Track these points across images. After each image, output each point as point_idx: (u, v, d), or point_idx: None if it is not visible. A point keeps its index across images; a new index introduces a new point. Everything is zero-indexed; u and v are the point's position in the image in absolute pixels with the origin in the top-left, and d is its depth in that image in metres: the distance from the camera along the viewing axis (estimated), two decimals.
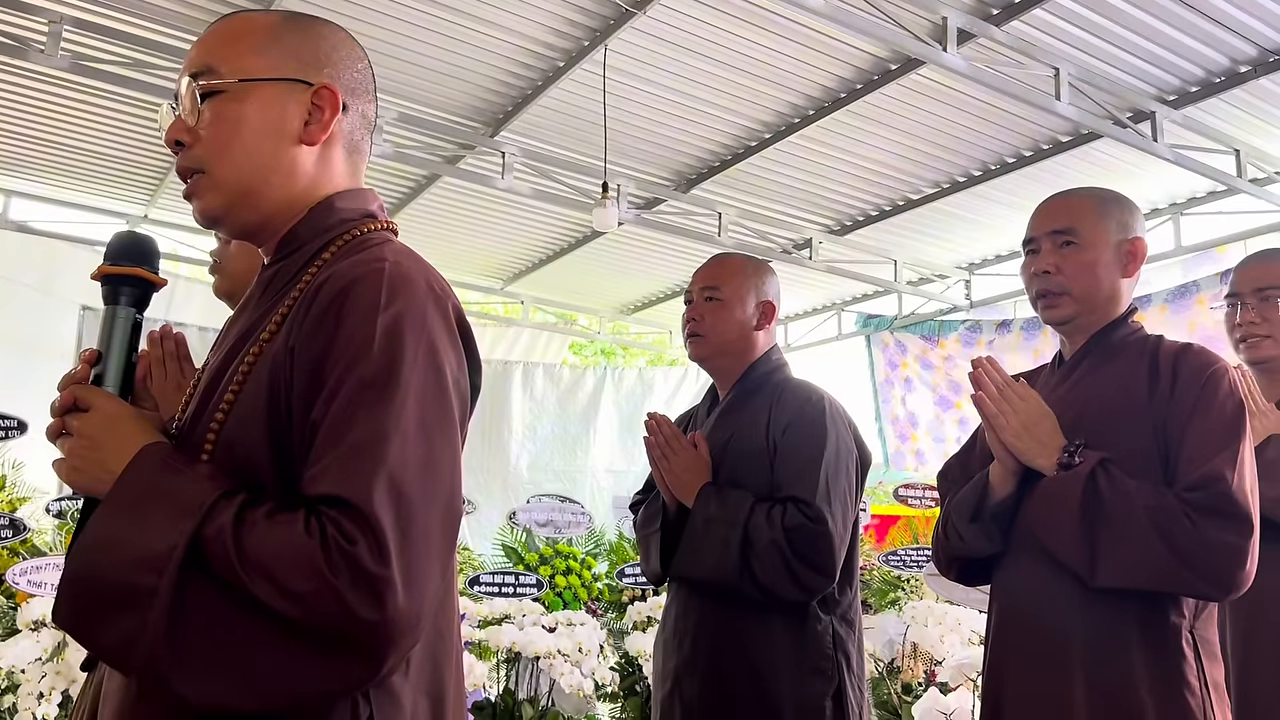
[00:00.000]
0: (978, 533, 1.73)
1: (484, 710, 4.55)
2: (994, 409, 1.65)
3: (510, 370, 8.74)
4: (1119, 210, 1.79)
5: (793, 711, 1.94)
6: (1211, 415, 1.56)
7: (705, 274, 2.26)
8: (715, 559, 1.97)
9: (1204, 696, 1.53)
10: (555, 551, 5.90)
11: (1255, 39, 4.67)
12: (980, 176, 6.21)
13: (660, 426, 2.13)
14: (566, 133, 5.84)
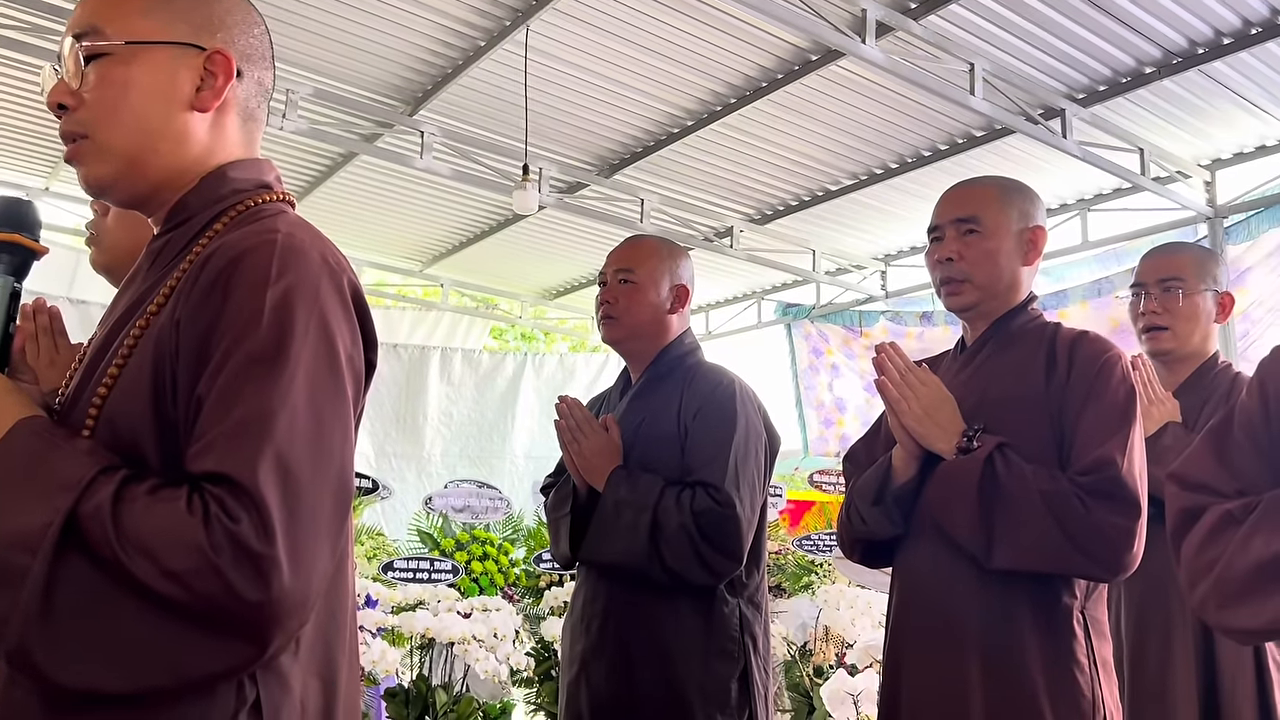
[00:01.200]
0: (880, 515, 1.76)
1: (396, 697, 4.50)
2: (896, 394, 1.68)
3: (428, 355, 8.63)
4: (1021, 199, 1.83)
5: (699, 694, 1.95)
6: (1104, 402, 1.61)
7: (619, 256, 2.25)
8: (624, 543, 1.97)
9: (1093, 674, 1.59)
10: (472, 537, 5.86)
11: (1160, 41, 4.82)
12: (897, 169, 6.31)
13: (571, 410, 2.12)
14: (487, 113, 5.77)
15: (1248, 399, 1.30)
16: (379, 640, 4.50)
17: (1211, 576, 1.19)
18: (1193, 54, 4.88)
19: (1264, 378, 1.29)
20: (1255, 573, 1.14)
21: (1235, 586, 1.16)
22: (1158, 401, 2.11)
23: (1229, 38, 4.74)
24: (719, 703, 1.95)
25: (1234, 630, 1.21)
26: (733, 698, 1.96)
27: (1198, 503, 1.25)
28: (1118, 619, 2.15)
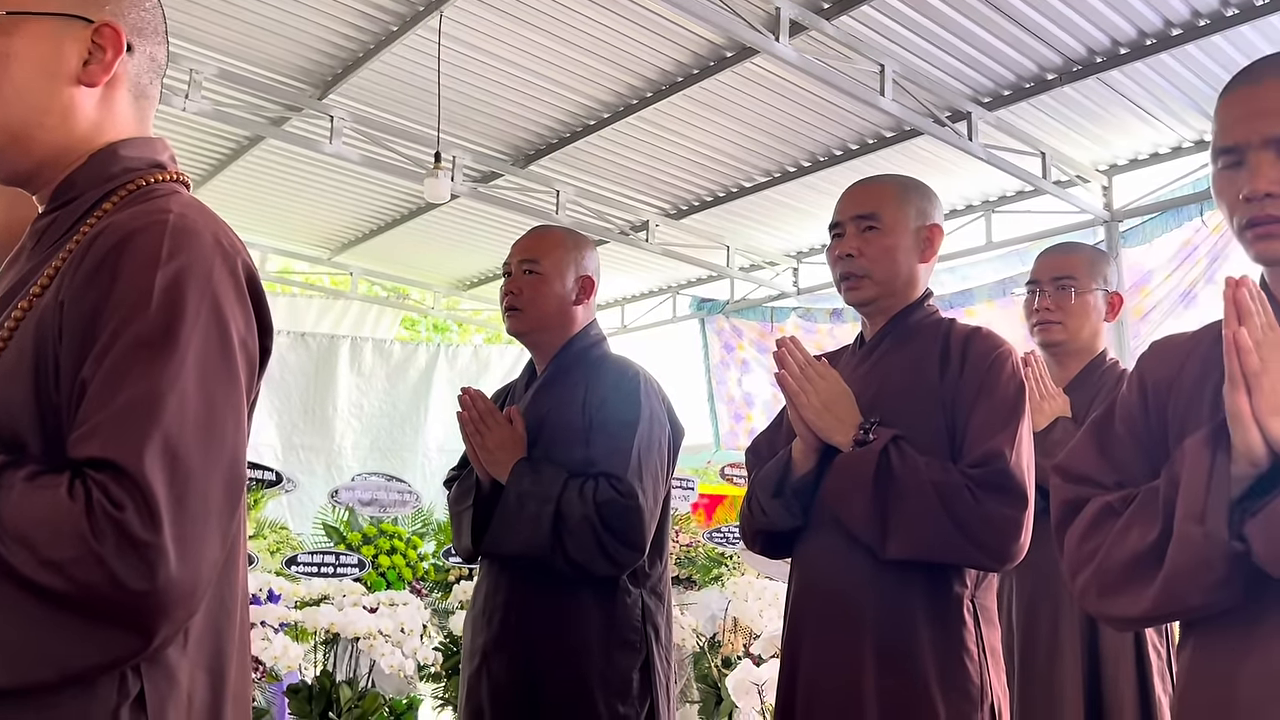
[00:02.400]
0: (779, 507, 1.78)
1: (299, 693, 4.41)
2: (795, 387, 1.70)
3: (337, 345, 8.46)
4: (919, 198, 1.87)
5: (600, 684, 1.95)
6: (995, 396, 1.67)
7: (524, 246, 2.23)
8: (527, 534, 1.96)
9: (981, 661, 1.64)
10: (379, 531, 5.78)
11: (1061, 49, 4.98)
12: (809, 167, 6.40)
13: (474, 401, 2.09)
14: (399, 99, 5.67)
15: (1127, 393, 1.35)
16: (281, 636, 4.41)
17: (1092, 566, 1.23)
18: (1092, 62, 5.06)
19: (1143, 371, 1.35)
20: (1131, 564, 1.18)
21: (1113, 576, 1.20)
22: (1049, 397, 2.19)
23: (1125, 48, 4.92)
24: (620, 693, 1.96)
25: (1113, 618, 1.25)
26: (634, 688, 1.97)
27: (1080, 494, 1.29)
28: (1009, 608, 2.22)
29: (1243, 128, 1.19)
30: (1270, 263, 1.23)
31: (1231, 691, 1.13)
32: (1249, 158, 1.19)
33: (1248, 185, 1.18)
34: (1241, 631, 1.13)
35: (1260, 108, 1.18)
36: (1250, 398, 1.07)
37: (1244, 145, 1.19)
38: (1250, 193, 1.18)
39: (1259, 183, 1.17)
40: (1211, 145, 1.26)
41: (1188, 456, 1.14)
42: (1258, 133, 1.18)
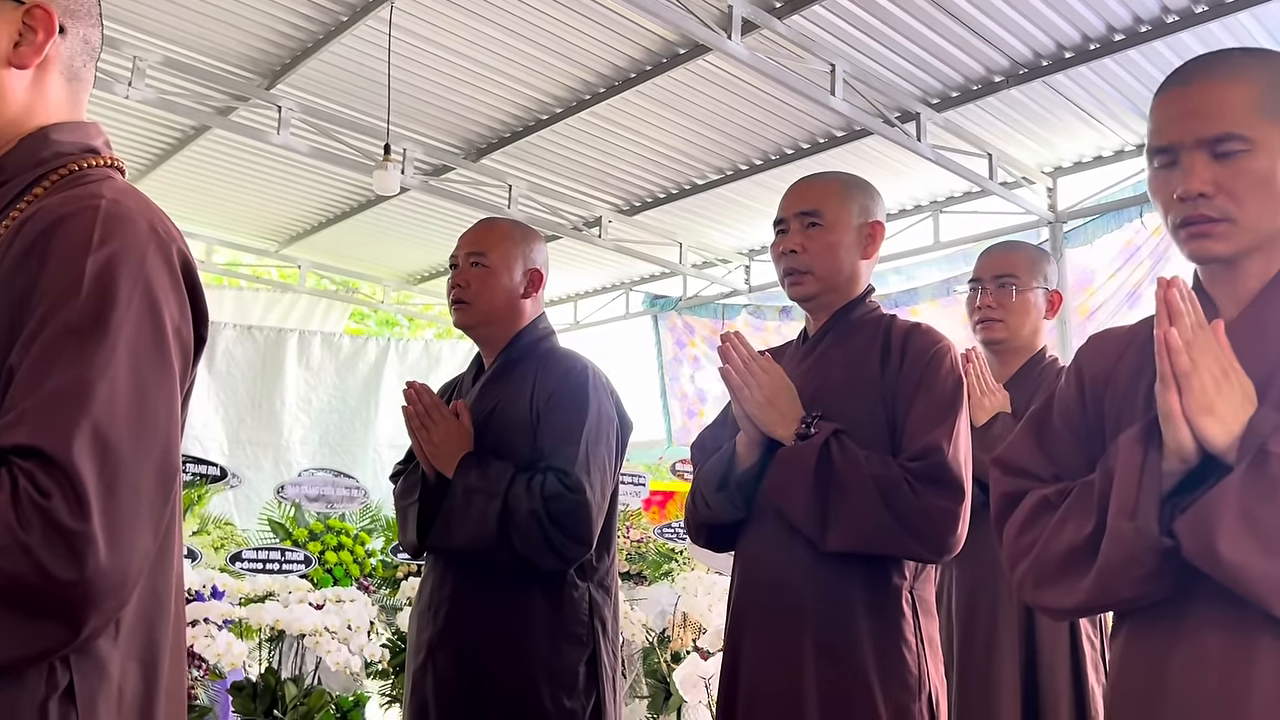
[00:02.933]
0: (723, 500, 1.80)
1: (243, 691, 4.34)
2: (739, 381, 1.72)
3: (285, 338, 8.34)
4: (861, 195, 1.89)
5: (547, 678, 1.95)
6: (934, 391, 1.70)
7: (471, 239, 2.21)
8: (474, 529, 1.95)
9: (919, 650, 1.67)
10: (326, 527, 5.71)
11: (1008, 51, 5.06)
12: (761, 165, 6.43)
13: (420, 396, 2.07)
14: (349, 91, 5.61)
15: (1065, 387, 1.37)
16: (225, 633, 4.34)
17: (1030, 558, 1.26)
18: (1037, 65, 5.14)
19: (1080, 365, 1.38)
20: (1067, 556, 1.21)
21: (1050, 569, 1.23)
22: (989, 393, 2.23)
23: (1070, 51, 5.01)
24: (566, 686, 1.96)
25: (1049, 608, 1.28)
26: (580, 681, 1.97)
27: (1018, 487, 1.32)
28: (949, 600, 2.26)
29: (1176, 128, 1.21)
30: (1204, 261, 1.26)
31: (1160, 680, 1.16)
32: (1182, 158, 1.21)
33: (1181, 185, 1.20)
34: (1171, 623, 1.16)
35: (1191, 108, 1.20)
36: (1180, 397, 1.10)
37: (1177, 146, 1.21)
38: (1184, 193, 1.20)
39: (1192, 183, 1.19)
40: (1146, 145, 1.27)
41: (1121, 452, 1.17)
42: (1190, 133, 1.20)
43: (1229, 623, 1.11)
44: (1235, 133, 1.17)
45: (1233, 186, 1.18)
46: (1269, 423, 1.09)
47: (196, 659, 4.36)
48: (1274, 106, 1.18)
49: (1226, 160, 1.18)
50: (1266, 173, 1.18)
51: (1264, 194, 1.18)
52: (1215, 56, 1.25)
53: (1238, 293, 1.24)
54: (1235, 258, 1.22)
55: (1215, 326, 1.14)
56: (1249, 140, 1.17)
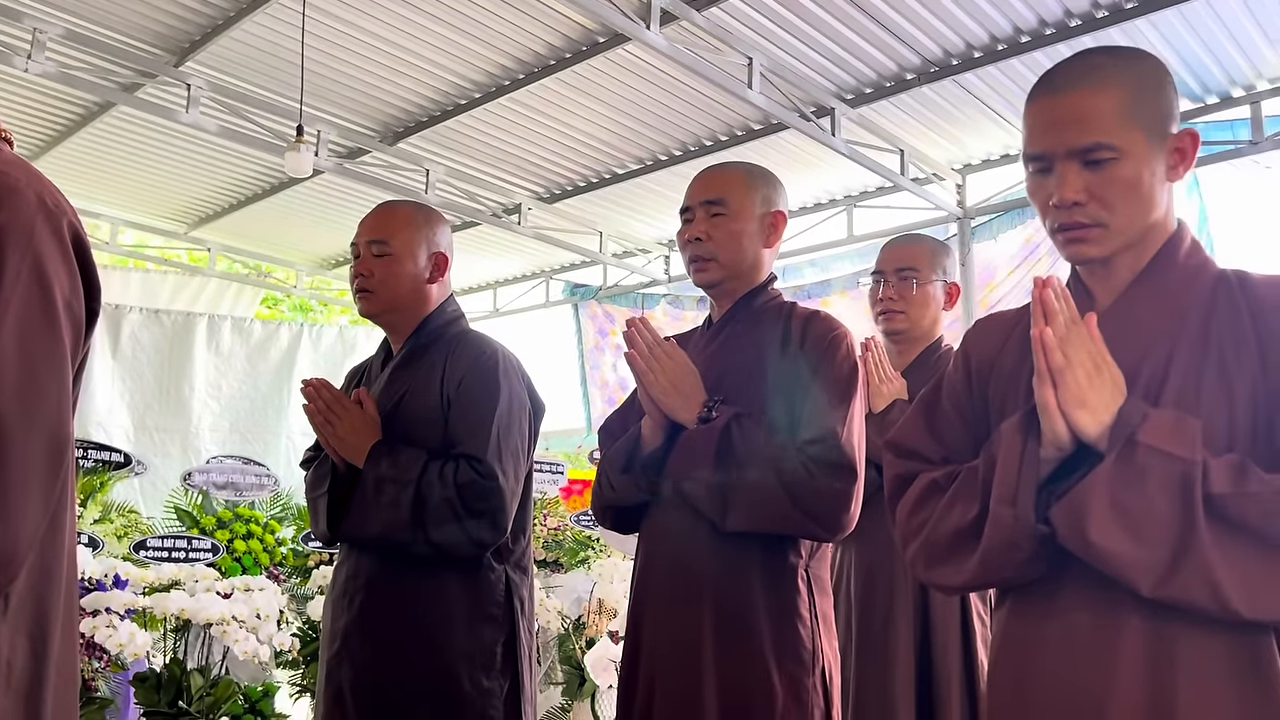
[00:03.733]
0: (628, 483, 1.83)
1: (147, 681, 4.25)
2: (644, 366, 1.75)
3: (193, 322, 8.12)
4: (765, 185, 1.94)
5: (465, 661, 1.95)
6: (830, 376, 1.75)
7: (372, 225, 2.16)
8: (387, 519, 1.94)
9: (814, 626, 1.73)
10: (235, 515, 5.60)
11: (920, 50, 5.18)
12: (680, 156, 6.48)
13: (319, 392, 2.04)
14: (261, 70, 5.49)
15: (953, 371, 1.43)
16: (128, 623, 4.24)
17: (920, 538, 1.32)
18: (948, 64, 5.28)
19: (967, 350, 1.44)
20: (954, 538, 1.27)
21: (939, 549, 1.29)
22: (887, 380, 2.30)
23: (979, 51, 5.15)
24: (484, 666, 1.96)
25: (939, 585, 1.35)
26: (498, 661, 1.98)
27: (910, 469, 1.38)
28: (848, 579, 2.34)
29: (1048, 138, 1.26)
30: (1080, 263, 1.33)
31: (1035, 652, 1.23)
32: (1056, 166, 1.26)
33: (1057, 194, 1.25)
34: (1046, 601, 1.24)
35: (1061, 118, 1.25)
36: (1056, 391, 1.17)
37: (1050, 154, 1.26)
38: (1058, 201, 1.25)
39: (1066, 192, 1.24)
40: (1023, 151, 1.33)
41: (1003, 440, 1.24)
42: (1062, 144, 1.25)
43: (1098, 601, 1.18)
44: (1104, 142, 1.23)
45: (1104, 193, 1.24)
46: (1137, 413, 1.16)
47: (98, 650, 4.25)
48: (1140, 112, 1.24)
49: (1097, 168, 1.23)
50: (1134, 178, 1.24)
51: (1133, 198, 1.25)
52: (1083, 63, 1.29)
53: (1111, 285, 1.31)
54: (1112, 256, 1.29)
55: (1088, 320, 1.20)
56: (1117, 149, 1.23)
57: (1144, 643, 1.15)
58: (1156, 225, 1.29)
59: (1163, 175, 1.27)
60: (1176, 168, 1.28)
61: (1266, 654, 1.13)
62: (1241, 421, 1.18)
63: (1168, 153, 1.27)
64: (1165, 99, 1.28)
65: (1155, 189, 1.26)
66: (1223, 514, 1.10)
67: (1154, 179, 1.25)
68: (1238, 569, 1.08)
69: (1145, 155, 1.24)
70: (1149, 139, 1.25)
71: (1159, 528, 1.11)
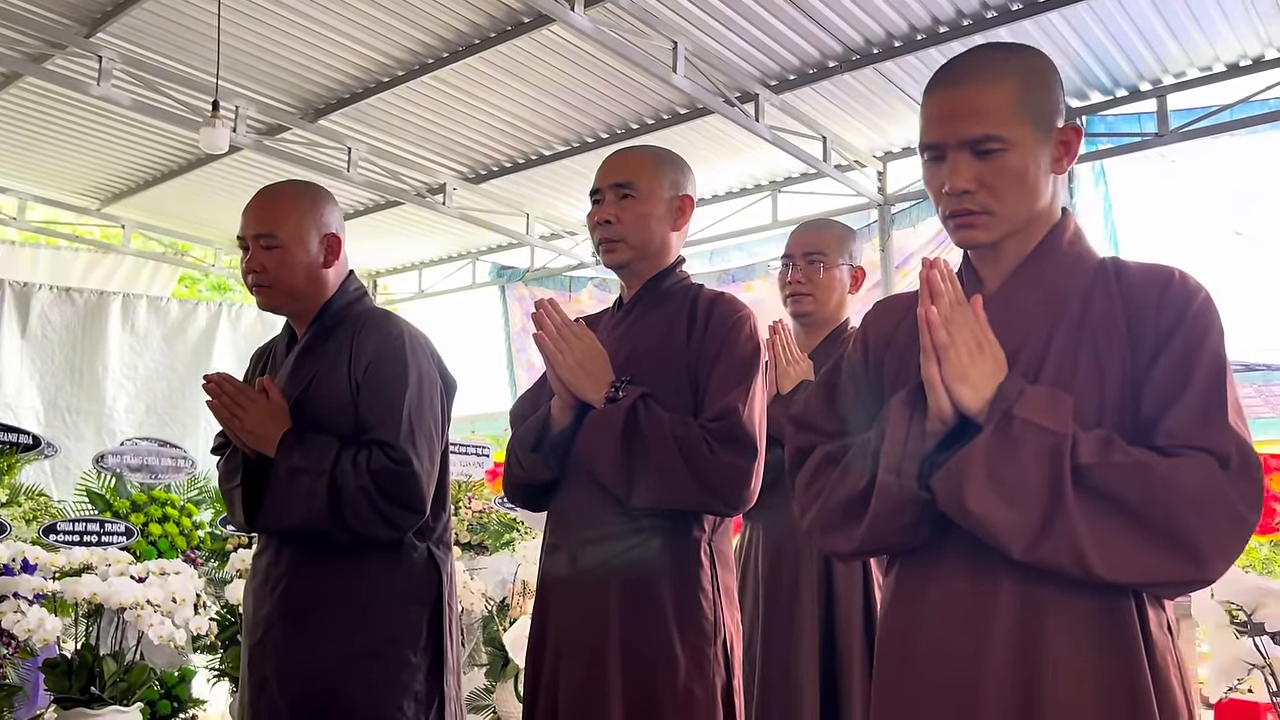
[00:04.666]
0: (537, 461, 1.86)
1: (57, 668, 4.16)
2: (552, 347, 1.78)
3: (107, 301, 7.90)
4: (673, 169, 1.97)
5: (391, 640, 1.96)
6: (733, 356, 1.80)
7: (256, 218, 2.08)
8: (304, 510, 1.93)
9: (716, 599, 1.78)
10: (150, 498, 5.49)
11: (842, 38, 5.26)
12: (607, 139, 6.49)
13: (222, 385, 1.99)
14: (177, 43, 5.35)
15: (852, 350, 1.50)
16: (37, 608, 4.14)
17: (816, 507, 1.38)
18: (869, 52, 5.37)
19: (866, 329, 1.51)
20: (846, 506, 1.33)
21: (832, 517, 1.36)
22: (794, 362, 2.36)
23: (899, 40, 5.25)
24: (411, 643, 1.97)
25: (833, 552, 1.42)
26: (423, 636, 1.99)
27: (809, 442, 1.43)
28: (756, 556, 2.40)
29: (942, 128, 1.33)
30: (970, 248, 1.40)
31: (918, 612, 1.31)
32: (948, 156, 1.33)
33: (949, 182, 1.32)
34: (930, 566, 1.31)
35: (955, 110, 1.31)
36: (940, 366, 1.23)
37: (943, 144, 1.33)
38: (950, 189, 1.32)
39: (957, 181, 1.31)
40: (919, 140, 1.39)
41: (892, 413, 1.31)
42: (954, 134, 1.31)
43: (976, 566, 1.25)
44: (994, 134, 1.29)
45: (992, 182, 1.31)
46: (1015, 389, 1.23)
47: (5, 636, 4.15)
48: (1028, 106, 1.31)
49: (987, 158, 1.30)
50: (1021, 168, 1.31)
51: (1019, 187, 1.32)
52: (977, 57, 1.36)
53: (999, 269, 1.39)
54: (1000, 242, 1.36)
55: (974, 302, 1.27)
56: (1006, 140, 1.29)
57: (1015, 604, 1.23)
58: (1042, 214, 1.36)
59: (1048, 167, 1.34)
60: (1061, 160, 1.35)
61: (1126, 615, 1.21)
62: (1111, 399, 1.25)
63: (1053, 145, 1.34)
64: (1053, 95, 1.35)
65: (1040, 179, 1.33)
66: (1088, 483, 1.17)
67: (1039, 170, 1.32)
68: (1100, 534, 1.16)
69: (1032, 147, 1.31)
70: (1036, 132, 1.31)
71: (1030, 495, 1.18)
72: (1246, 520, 1.16)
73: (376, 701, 1.92)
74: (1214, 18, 4.94)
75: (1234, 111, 5.37)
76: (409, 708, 1.94)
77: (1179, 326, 1.26)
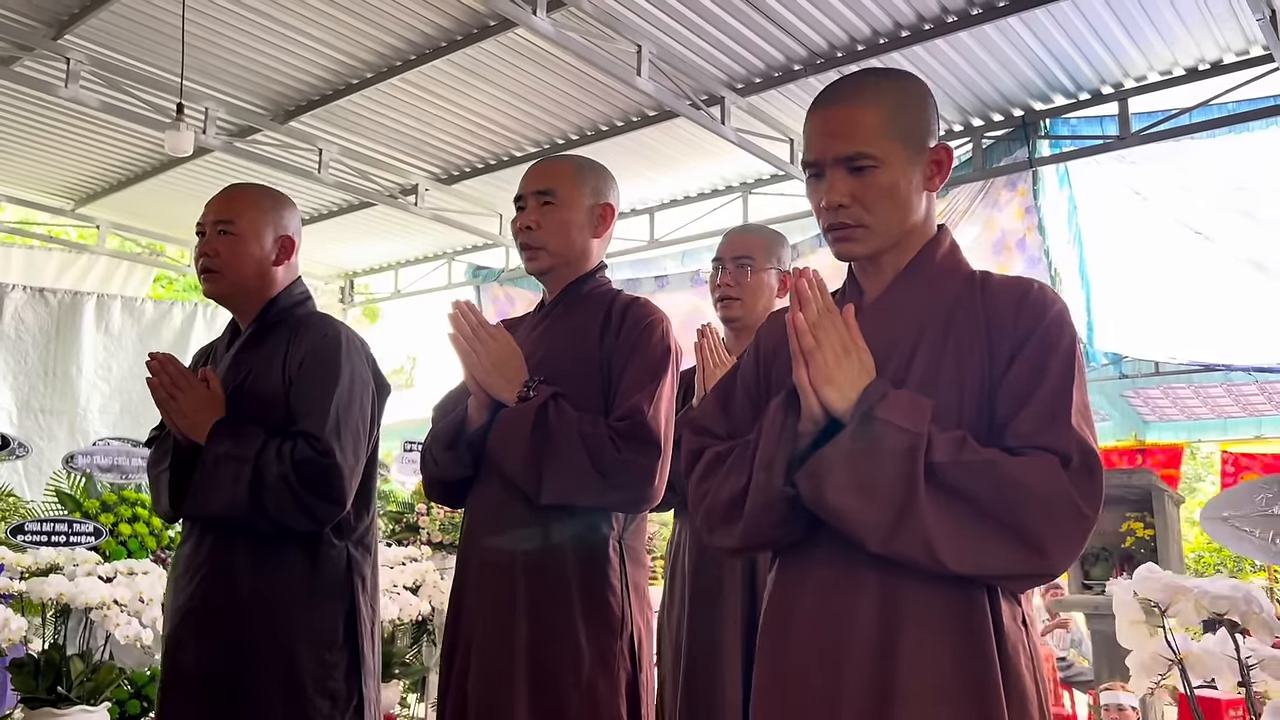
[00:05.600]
0: (452, 459, 1.92)
1: (24, 668, 4.18)
2: (466, 348, 1.83)
3: (81, 302, 7.90)
4: (594, 178, 2.03)
5: (306, 637, 2.00)
6: (642, 358, 1.86)
7: (217, 207, 2.18)
8: (227, 496, 1.97)
9: (624, 595, 1.84)
10: (120, 498, 5.51)
11: (805, 42, 5.32)
12: (577, 140, 6.53)
13: (164, 366, 2.06)
14: (146, 46, 5.38)
15: (748, 357, 1.56)
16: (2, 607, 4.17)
17: (704, 505, 1.44)
18: (832, 56, 5.43)
19: (758, 338, 1.57)
20: (728, 504, 1.39)
21: (718, 514, 1.42)
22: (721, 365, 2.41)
23: (861, 45, 5.31)
24: (325, 641, 2.01)
25: (719, 548, 1.47)
26: (339, 636, 2.03)
27: (701, 444, 1.49)
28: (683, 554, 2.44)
29: (819, 146, 1.40)
30: (848, 260, 1.47)
31: (792, 605, 1.38)
32: (826, 172, 1.40)
33: (825, 197, 1.39)
34: (804, 559, 1.38)
35: (832, 128, 1.39)
36: (808, 370, 1.28)
37: (821, 161, 1.40)
38: (826, 203, 1.39)
39: (832, 195, 1.38)
40: (801, 158, 1.46)
41: (769, 415, 1.37)
42: (830, 151, 1.38)
43: (842, 560, 1.32)
44: (865, 152, 1.36)
45: (865, 197, 1.38)
46: (878, 392, 1.29)
47: None
48: (899, 128, 1.38)
49: (859, 175, 1.37)
50: (891, 185, 1.38)
51: (890, 203, 1.39)
52: (854, 81, 1.44)
53: (878, 281, 1.46)
54: (874, 255, 1.43)
55: (846, 311, 1.34)
56: (877, 158, 1.37)
57: (876, 596, 1.29)
58: (916, 228, 1.44)
59: (920, 184, 1.42)
60: (933, 178, 1.43)
61: (979, 608, 1.27)
62: (970, 403, 1.32)
63: (925, 164, 1.41)
64: (924, 118, 1.42)
65: (911, 196, 1.41)
66: (940, 480, 1.23)
67: (910, 187, 1.40)
68: (949, 529, 1.22)
69: (903, 166, 1.38)
70: (906, 151, 1.39)
71: (886, 491, 1.24)
72: (1086, 515, 1.23)
73: (291, 696, 1.96)
74: (1170, 22, 5.01)
75: (1193, 115, 5.45)
76: (324, 705, 1.98)
77: (1033, 334, 1.32)
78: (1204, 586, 1.98)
